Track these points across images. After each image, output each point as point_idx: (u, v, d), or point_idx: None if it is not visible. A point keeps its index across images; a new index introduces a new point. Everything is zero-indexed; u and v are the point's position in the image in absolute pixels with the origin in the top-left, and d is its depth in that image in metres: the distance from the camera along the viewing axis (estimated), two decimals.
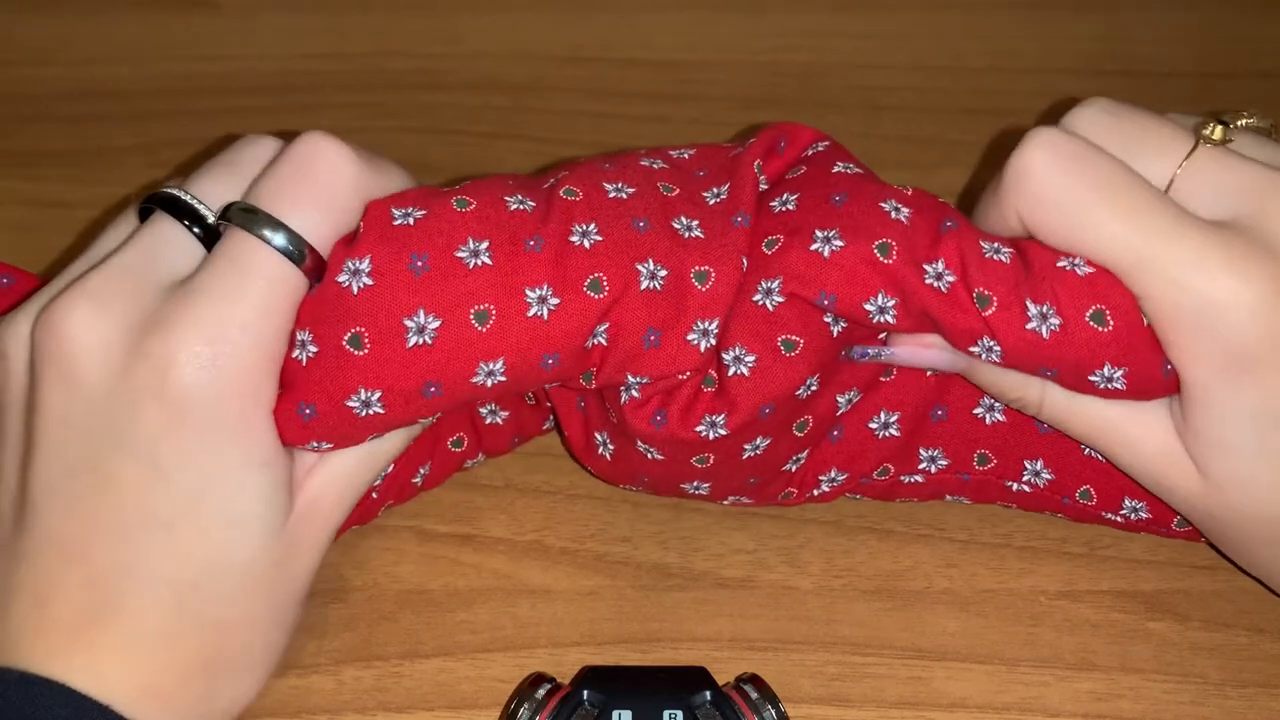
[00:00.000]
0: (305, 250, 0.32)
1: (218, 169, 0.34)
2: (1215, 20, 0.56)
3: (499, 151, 0.51)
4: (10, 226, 0.49)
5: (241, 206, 0.32)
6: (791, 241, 0.35)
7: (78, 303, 0.31)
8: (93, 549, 0.31)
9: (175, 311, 0.31)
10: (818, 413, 0.36)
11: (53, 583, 0.31)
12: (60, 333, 0.31)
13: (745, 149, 0.37)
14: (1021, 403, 0.36)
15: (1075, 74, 0.54)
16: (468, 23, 0.57)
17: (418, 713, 0.36)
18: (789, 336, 0.34)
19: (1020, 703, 0.36)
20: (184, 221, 0.33)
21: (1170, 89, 0.53)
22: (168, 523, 0.31)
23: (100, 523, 0.31)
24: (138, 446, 0.31)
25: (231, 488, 0.32)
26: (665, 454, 0.36)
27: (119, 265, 0.32)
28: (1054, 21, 0.56)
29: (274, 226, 0.32)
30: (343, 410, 0.33)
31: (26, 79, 0.55)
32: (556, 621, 0.38)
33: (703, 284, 0.34)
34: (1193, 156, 0.33)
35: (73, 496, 0.31)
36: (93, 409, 0.31)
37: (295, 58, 0.55)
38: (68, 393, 0.31)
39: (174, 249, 0.33)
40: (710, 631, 0.37)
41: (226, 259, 0.32)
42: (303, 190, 0.33)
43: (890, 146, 0.51)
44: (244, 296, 0.32)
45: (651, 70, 0.54)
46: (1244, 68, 0.54)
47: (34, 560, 0.31)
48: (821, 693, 0.36)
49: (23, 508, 0.32)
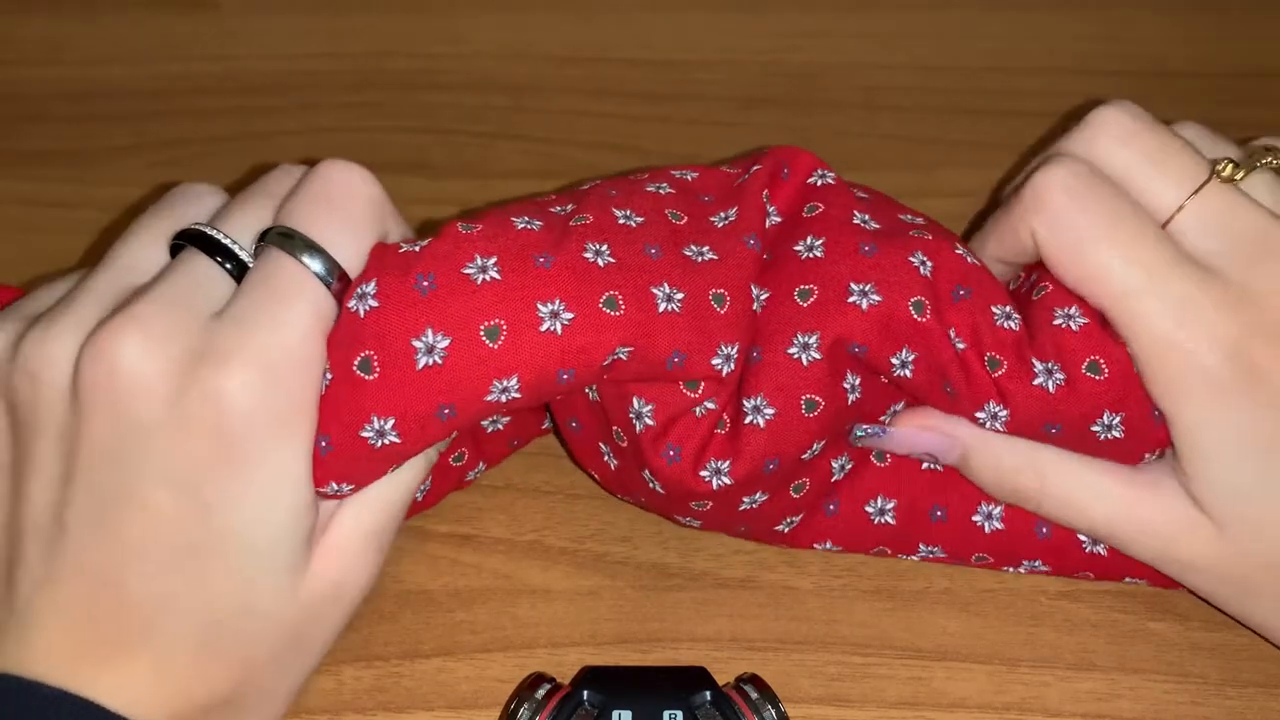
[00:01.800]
0: (337, 274, 0.32)
1: (248, 198, 0.34)
2: (1215, 20, 0.56)
3: (499, 151, 0.51)
4: (10, 226, 0.49)
5: (279, 231, 0.32)
6: (827, 295, 0.35)
7: (129, 332, 0.31)
8: (127, 578, 0.31)
9: (223, 343, 0.31)
10: (815, 476, 0.37)
11: (85, 609, 0.31)
12: (112, 362, 0.31)
13: (750, 176, 0.37)
14: (1019, 494, 0.36)
15: (1075, 74, 0.54)
16: (468, 23, 0.57)
17: (418, 713, 0.36)
18: (812, 396, 0.35)
19: (1020, 703, 0.36)
20: (216, 258, 0.33)
21: (1170, 89, 0.53)
22: (203, 557, 0.31)
23: (136, 553, 0.31)
24: (181, 479, 0.31)
25: (272, 526, 0.32)
26: (666, 491, 0.36)
27: (163, 297, 0.32)
28: (1054, 21, 0.56)
29: (311, 251, 0.32)
30: (358, 442, 0.32)
31: (26, 79, 0.55)
32: (556, 621, 0.38)
33: (721, 306, 0.34)
34: (1202, 191, 0.34)
35: (110, 525, 0.31)
36: (138, 440, 0.31)
37: (295, 58, 0.55)
38: (115, 423, 0.31)
39: (210, 283, 0.33)
40: (710, 631, 0.37)
41: (265, 285, 0.32)
42: (332, 214, 0.33)
43: (890, 146, 0.51)
44: (287, 323, 0.31)
45: (651, 70, 0.54)
46: (1244, 68, 0.54)
47: (67, 585, 0.31)
48: (821, 693, 0.36)
49: (56, 533, 0.31)
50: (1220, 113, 0.52)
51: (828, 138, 0.52)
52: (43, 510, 0.32)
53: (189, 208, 0.35)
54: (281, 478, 0.32)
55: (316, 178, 0.34)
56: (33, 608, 0.31)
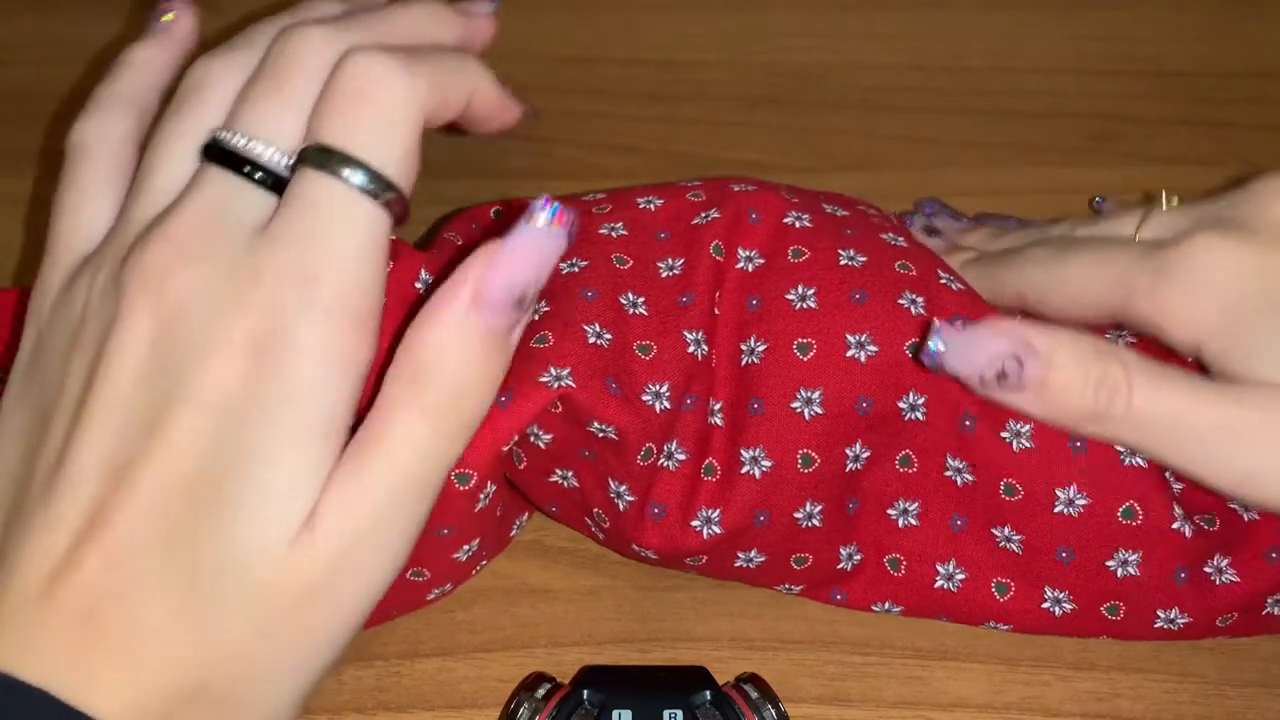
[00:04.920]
0: (384, 184, 0.30)
1: (269, 95, 0.31)
2: (1215, 20, 0.56)
3: (499, 151, 0.51)
4: (10, 226, 0.49)
5: (317, 148, 0.30)
6: (825, 349, 0.35)
7: (165, 247, 0.29)
8: (122, 519, 0.28)
9: (266, 261, 0.29)
10: (819, 557, 0.37)
11: (71, 555, 0.28)
12: (152, 273, 0.29)
13: (707, 224, 0.37)
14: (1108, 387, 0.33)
15: (1075, 74, 0.54)
16: None
17: (418, 712, 0.36)
18: (809, 451, 0.35)
19: (1020, 703, 0.36)
20: (245, 170, 0.31)
21: (1170, 89, 0.53)
22: (203, 495, 0.28)
23: (138, 489, 0.28)
24: (205, 399, 0.28)
25: (287, 458, 0.29)
26: (659, 556, 0.36)
27: (195, 212, 0.30)
28: (1054, 21, 0.56)
29: (353, 165, 0.30)
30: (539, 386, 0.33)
31: (26, 79, 0.55)
32: (556, 621, 0.38)
33: (646, 355, 0.35)
34: None
35: (119, 458, 0.28)
36: (169, 359, 0.29)
37: None
38: (151, 336, 0.29)
39: (244, 197, 0.31)
40: (710, 631, 0.37)
41: (310, 208, 0.30)
42: (369, 119, 0.30)
43: (890, 146, 0.51)
44: (338, 244, 0.29)
45: (651, 70, 0.54)
46: (1244, 68, 0.54)
47: (58, 528, 0.28)
48: (821, 693, 0.36)
49: (60, 466, 0.29)
50: (1220, 113, 0.52)
51: (828, 138, 0.52)
52: (57, 447, 0.29)
53: (223, 88, 0.32)
54: (317, 404, 0.29)
55: (345, 76, 0.30)
56: (24, 554, 0.28)
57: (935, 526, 0.36)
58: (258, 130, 0.31)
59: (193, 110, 0.32)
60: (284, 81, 0.31)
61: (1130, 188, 0.49)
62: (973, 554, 0.36)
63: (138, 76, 0.35)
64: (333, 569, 0.29)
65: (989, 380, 0.33)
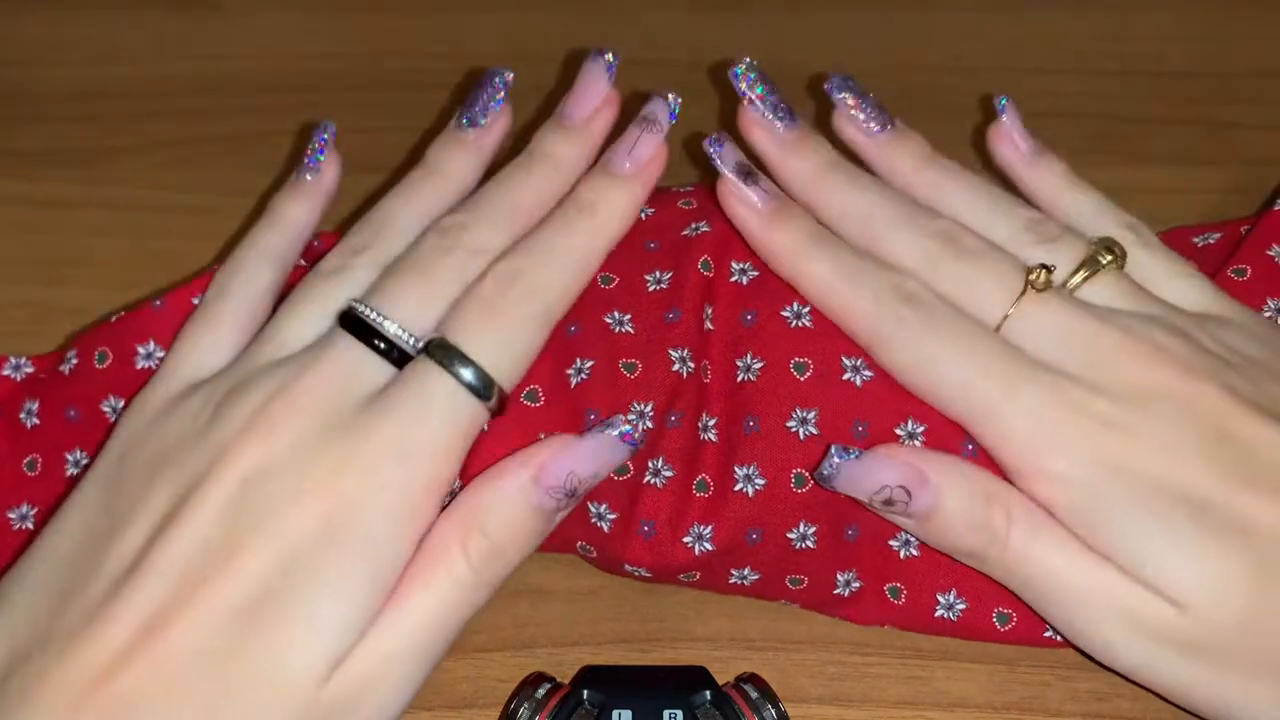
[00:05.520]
0: (495, 389, 0.34)
1: (414, 284, 0.35)
2: (1215, 20, 0.56)
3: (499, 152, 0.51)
4: (10, 226, 0.49)
5: (443, 342, 0.33)
6: (821, 370, 0.35)
7: (285, 399, 0.33)
8: (180, 626, 0.30)
9: (373, 429, 0.32)
10: (813, 579, 0.36)
11: (125, 655, 0.30)
12: (267, 418, 0.32)
13: (697, 236, 0.37)
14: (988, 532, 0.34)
15: (1075, 74, 0.54)
16: (468, 23, 0.57)
17: (418, 713, 0.36)
18: (803, 471, 0.35)
19: (1020, 703, 0.36)
20: (374, 343, 0.34)
21: (1170, 89, 0.53)
22: (259, 621, 0.31)
23: (201, 603, 0.31)
24: (283, 538, 0.31)
25: (345, 602, 0.31)
26: (652, 572, 0.36)
27: (321, 373, 0.33)
28: (1054, 21, 0.56)
29: (468, 364, 0.33)
30: None
31: (26, 79, 0.55)
32: (556, 621, 0.38)
33: (631, 373, 0.35)
34: None
35: (193, 573, 0.31)
36: (259, 496, 0.32)
37: (295, 58, 0.55)
38: (249, 473, 0.32)
39: (367, 366, 0.34)
40: (710, 631, 0.37)
41: (422, 389, 0.33)
42: (497, 324, 0.34)
43: None
44: (432, 424, 0.33)
45: (651, 70, 0.54)
46: (1244, 68, 0.54)
47: (117, 625, 0.30)
48: (821, 693, 0.36)
49: (136, 568, 0.31)
50: (1220, 113, 0.52)
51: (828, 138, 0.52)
52: (135, 549, 0.31)
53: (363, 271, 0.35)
54: (371, 564, 0.32)
55: (485, 286, 0.34)
56: (71, 639, 0.30)
57: (937, 556, 0.36)
58: (396, 313, 0.34)
59: (335, 282, 0.36)
60: (430, 276, 0.35)
61: (1130, 188, 0.49)
62: (975, 584, 0.36)
63: (287, 232, 0.38)
64: (359, 690, 0.31)
65: (875, 504, 0.34)
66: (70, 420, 0.37)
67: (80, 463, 0.37)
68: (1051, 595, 0.33)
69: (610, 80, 0.38)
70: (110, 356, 0.37)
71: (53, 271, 0.47)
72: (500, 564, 0.33)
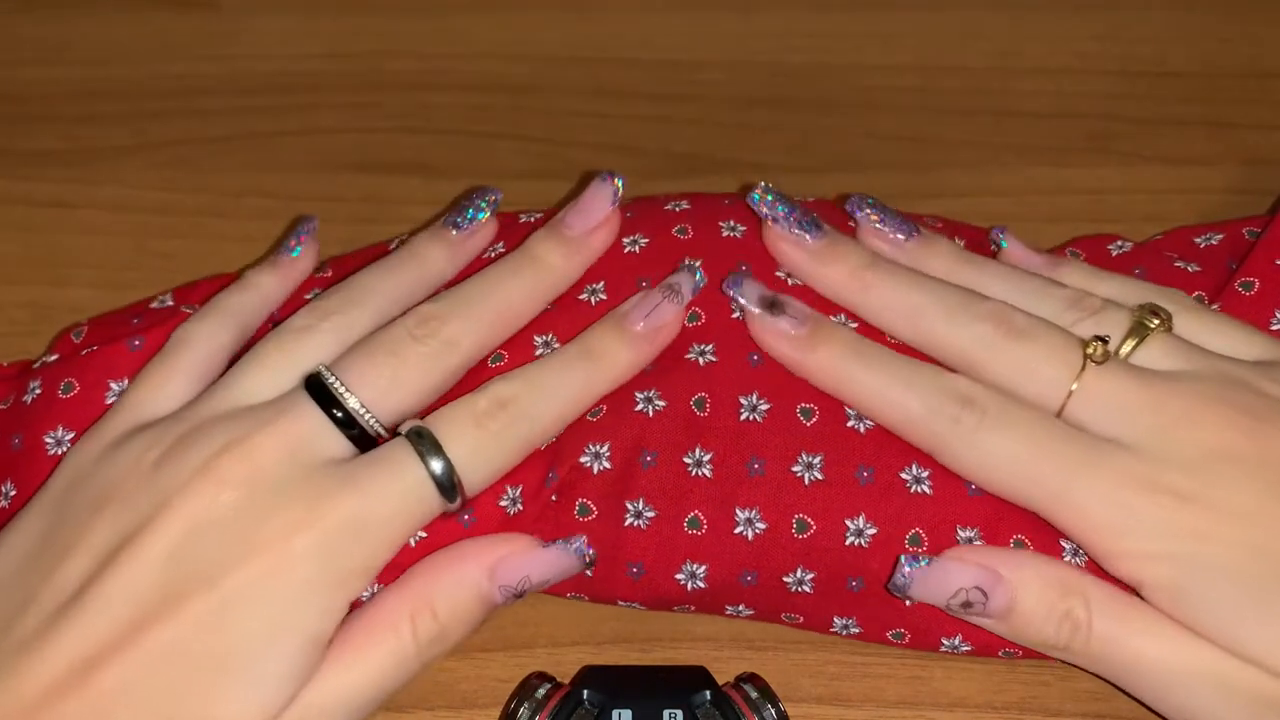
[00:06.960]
0: (458, 487, 0.34)
1: (385, 365, 0.35)
2: (1215, 20, 0.56)
3: (499, 151, 0.51)
4: (10, 226, 0.49)
5: (427, 432, 0.34)
6: (827, 417, 0.35)
7: (241, 450, 0.33)
8: (119, 666, 0.31)
9: (329, 491, 0.33)
10: (810, 620, 0.36)
11: (61, 689, 0.30)
12: (224, 468, 0.32)
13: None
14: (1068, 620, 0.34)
15: (1075, 74, 0.54)
16: (468, 23, 0.57)
17: (418, 712, 0.36)
18: (805, 517, 0.35)
19: (1020, 702, 0.36)
20: (334, 412, 0.34)
21: (1170, 89, 0.53)
22: (199, 668, 0.31)
23: (140, 644, 0.31)
24: (229, 588, 0.31)
25: (285, 658, 0.32)
26: (646, 605, 0.36)
27: (278, 432, 0.33)
28: (1054, 21, 0.56)
29: (441, 459, 0.33)
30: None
31: (26, 79, 0.55)
32: (556, 621, 0.38)
33: (595, 418, 0.36)
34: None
35: (135, 612, 0.31)
36: (208, 544, 0.32)
37: (295, 58, 0.55)
38: (200, 521, 0.32)
39: (325, 435, 0.34)
40: (710, 631, 0.37)
41: (395, 469, 0.33)
42: (473, 438, 0.34)
43: (890, 146, 0.51)
44: (391, 504, 0.33)
45: (651, 70, 0.54)
46: (1244, 68, 0.54)
47: (56, 659, 0.31)
48: (821, 693, 0.36)
49: (77, 601, 0.31)
50: (1220, 113, 0.52)
51: (828, 138, 0.51)
52: (71, 585, 0.32)
53: (333, 335, 0.36)
54: (310, 617, 0.32)
55: (481, 398, 0.34)
56: (15, 668, 0.31)
57: None
58: (361, 390, 0.34)
59: (301, 341, 0.36)
60: (400, 361, 0.35)
61: (1130, 188, 0.49)
62: (983, 631, 0.35)
63: (255, 299, 0.38)
64: None
65: (954, 609, 0.34)
66: (14, 449, 0.37)
67: (9, 494, 0.36)
68: (1146, 681, 0.33)
69: (615, 204, 0.38)
70: (76, 388, 0.37)
71: (53, 271, 0.47)
72: (441, 645, 0.34)
